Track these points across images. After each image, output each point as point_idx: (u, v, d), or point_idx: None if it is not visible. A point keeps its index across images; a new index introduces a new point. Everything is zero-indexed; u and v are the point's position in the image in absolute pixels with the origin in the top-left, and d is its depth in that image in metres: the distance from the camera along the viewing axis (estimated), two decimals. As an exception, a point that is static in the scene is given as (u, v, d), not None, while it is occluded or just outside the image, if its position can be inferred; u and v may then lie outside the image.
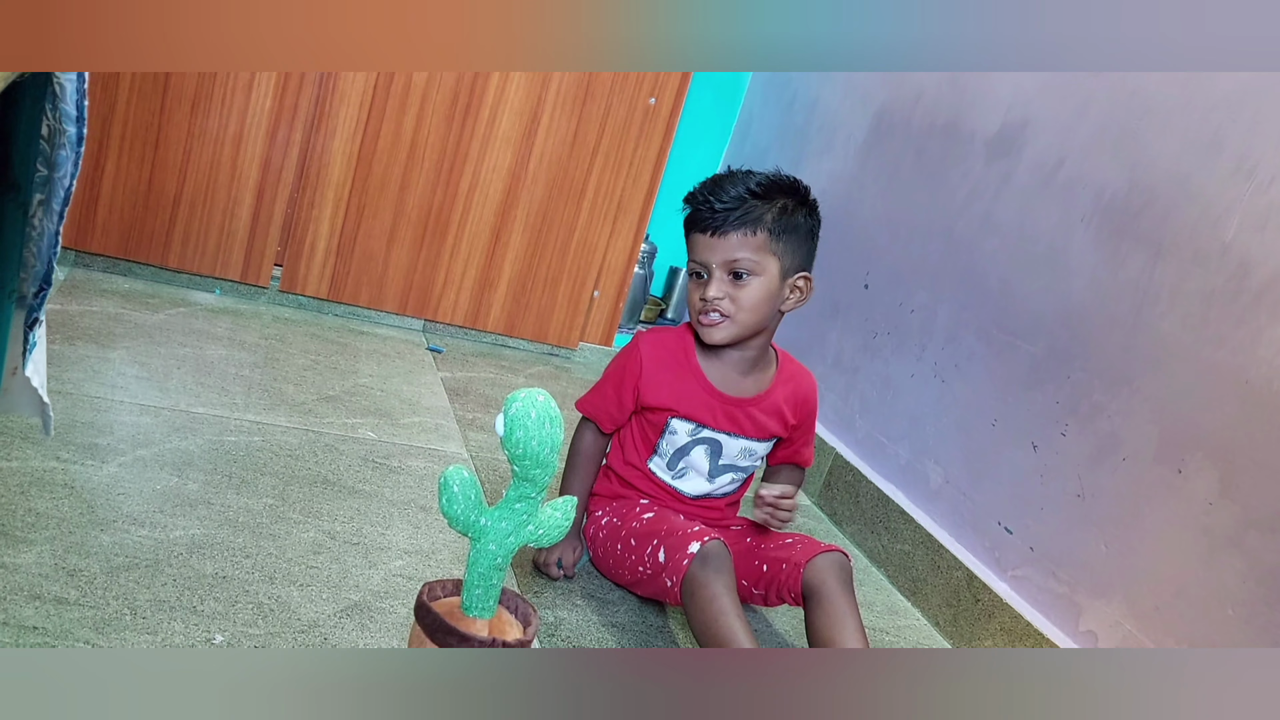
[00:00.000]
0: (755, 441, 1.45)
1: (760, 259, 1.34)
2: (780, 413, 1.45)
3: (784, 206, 1.35)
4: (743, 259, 1.34)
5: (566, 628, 1.31)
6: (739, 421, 1.43)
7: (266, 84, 2.13)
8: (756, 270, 1.34)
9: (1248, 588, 1.20)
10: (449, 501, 0.94)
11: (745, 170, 1.39)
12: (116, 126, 2.06)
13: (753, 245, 1.33)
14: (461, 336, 2.45)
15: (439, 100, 2.24)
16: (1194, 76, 1.41)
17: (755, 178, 1.36)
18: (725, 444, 1.44)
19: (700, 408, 1.41)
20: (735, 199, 1.33)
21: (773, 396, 1.45)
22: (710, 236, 1.34)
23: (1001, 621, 1.51)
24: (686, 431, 1.43)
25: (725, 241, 1.33)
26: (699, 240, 1.36)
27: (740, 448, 1.44)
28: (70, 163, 0.86)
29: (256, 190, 2.19)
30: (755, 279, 1.35)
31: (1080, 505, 1.45)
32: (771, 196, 1.35)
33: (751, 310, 1.36)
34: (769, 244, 1.34)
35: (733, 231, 1.33)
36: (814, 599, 1.29)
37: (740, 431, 1.43)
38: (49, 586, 1.06)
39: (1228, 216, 1.32)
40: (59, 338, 1.72)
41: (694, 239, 1.37)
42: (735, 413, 1.42)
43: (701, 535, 1.28)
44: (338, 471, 1.53)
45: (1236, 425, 1.25)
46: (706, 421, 1.42)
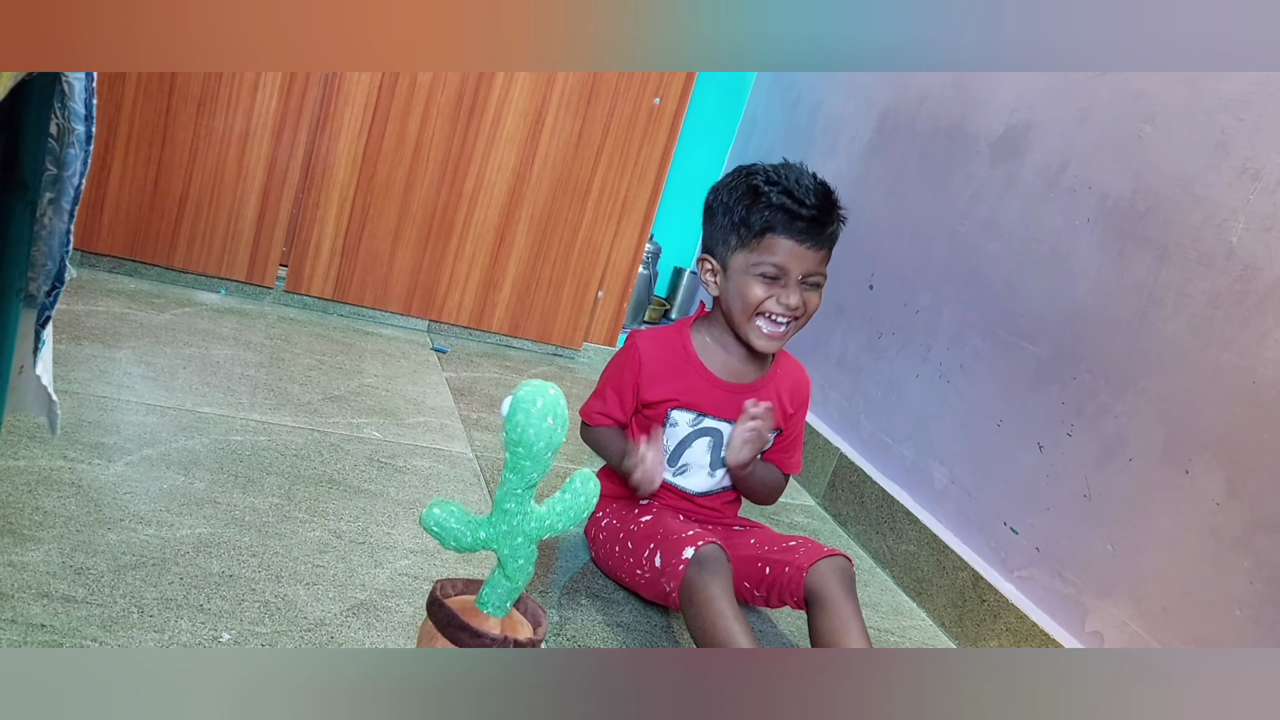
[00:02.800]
0: None
1: (826, 272, 1.38)
2: (780, 400, 1.46)
3: (841, 218, 1.38)
4: (821, 273, 1.36)
5: (572, 627, 1.31)
6: (739, 409, 1.42)
7: (272, 85, 2.13)
8: (823, 282, 1.38)
9: (1255, 589, 1.20)
10: (444, 539, 0.95)
11: (792, 166, 1.38)
12: (123, 126, 2.07)
13: (826, 259, 1.37)
14: (466, 337, 2.46)
15: (444, 101, 2.24)
16: (1198, 79, 1.41)
17: (819, 181, 1.36)
18: (725, 433, 1.43)
19: (701, 396, 1.41)
20: (825, 210, 1.33)
21: (773, 383, 1.45)
22: (804, 247, 1.33)
23: (1007, 622, 1.51)
24: (687, 422, 1.43)
25: (816, 255, 1.34)
26: (788, 246, 1.33)
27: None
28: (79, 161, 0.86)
29: (262, 191, 2.19)
30: (819, 290, 1.38)
31: (1086, 506, 1.45)
32: (836, 205, 1.37)
33: (811, 318, 1.39)
34: (828, 256, 1.37)
35: (824, 247, 1.35)
36: (817, 604, 1.29)
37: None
38: (57, 584, 1.06)
39: (1233, 219, 1.32)
40: (65, 337, 1.72)
41: (779, 243, 1.33)
42: (735, 400, 1.42)
43: (696, 539, 1.28)
44: (343, 471, 1.53)
45: (1244, 426, 1.25)
46: (707, 409, 1.42)
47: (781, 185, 1.32)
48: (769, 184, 1.33)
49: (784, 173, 1.35)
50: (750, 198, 1.33)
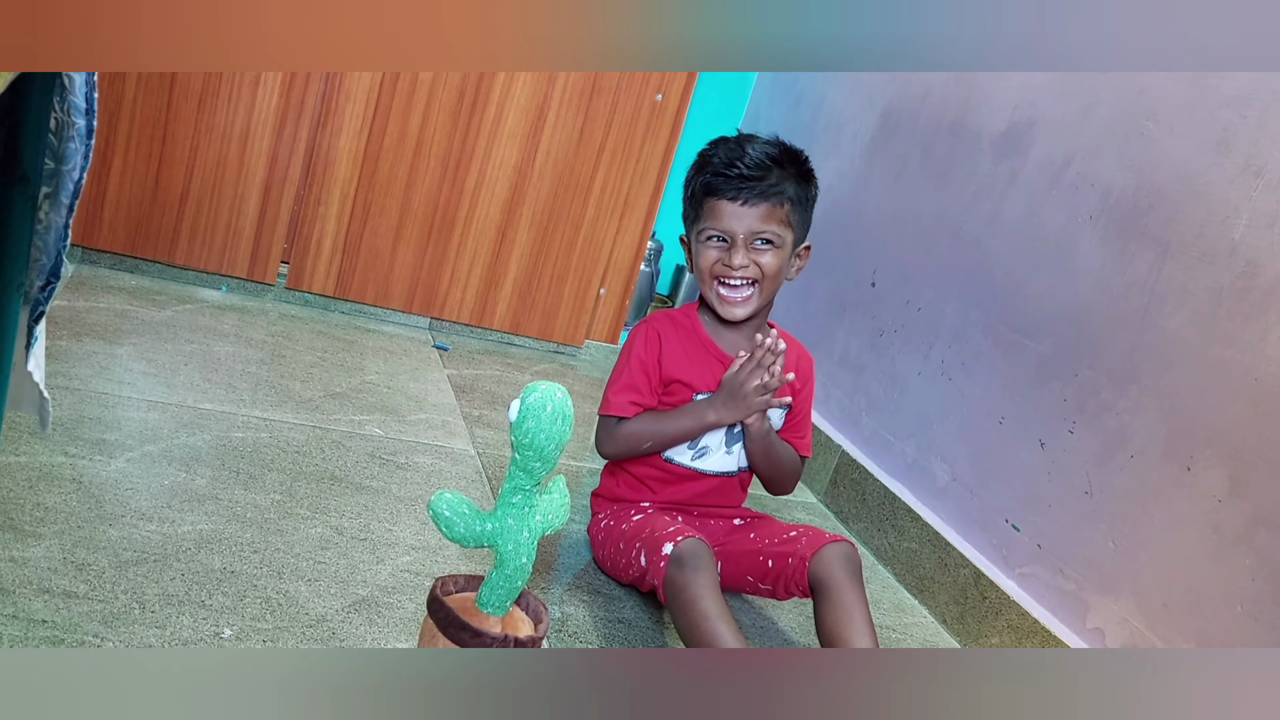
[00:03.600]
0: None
1: (782, 231, 1.36)
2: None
3: (800, 177, 1.36)
4: (769, 230, 1.35)
5: (574, 623, 1.31)
6: None
7: (273, 81, 2.13)
8: (778, 242, 1.36)
9: (1257, 585, 1.20)
10: (449, 528, 0.94)
11: (754, 136, 1.38)
12: (124, 123, 2.07)
13: (778, 217, 1.35)
14: (467, 334, 2.45)
15: (445, 98, 2.24)
16: (1201, 76, 1.41)
17: (772, 145, 1.36)
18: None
19: (717, 378, 1.41)
20: (761, 167, 1.33)
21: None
22: (740, 205, 1.34)
23: (1009, 619, 1.51)
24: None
25: (754, 211, 1.34)
26: (723, 208, 1.35)
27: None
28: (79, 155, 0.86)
29: (263, 187, 2.19)
30: (776, 250, 1.36)
31: (1088, 503, 1.45)
32: (786, 166, 1.35)
33: (774, 279, 1.38)
34: (789, 216, 1.36)
35: (763, 203, 1.33)
36: (822, 592, 1.29)
37: None
38: (58, 580, 1.06)
39: (1235, 215, 1.31)
40: (66, 334, 1.72)
41: (717, 206, 1.35)
42: None
43: (676, 535, 1.27)
44: (344, 467, 1.53)
45: (1246, 423, 1.25)
46: None
47: (720, 149, 1.35)
48: (710, 152, 1.37)
49: (728, 141, 1.37)
50: (695, 169, 1.39)
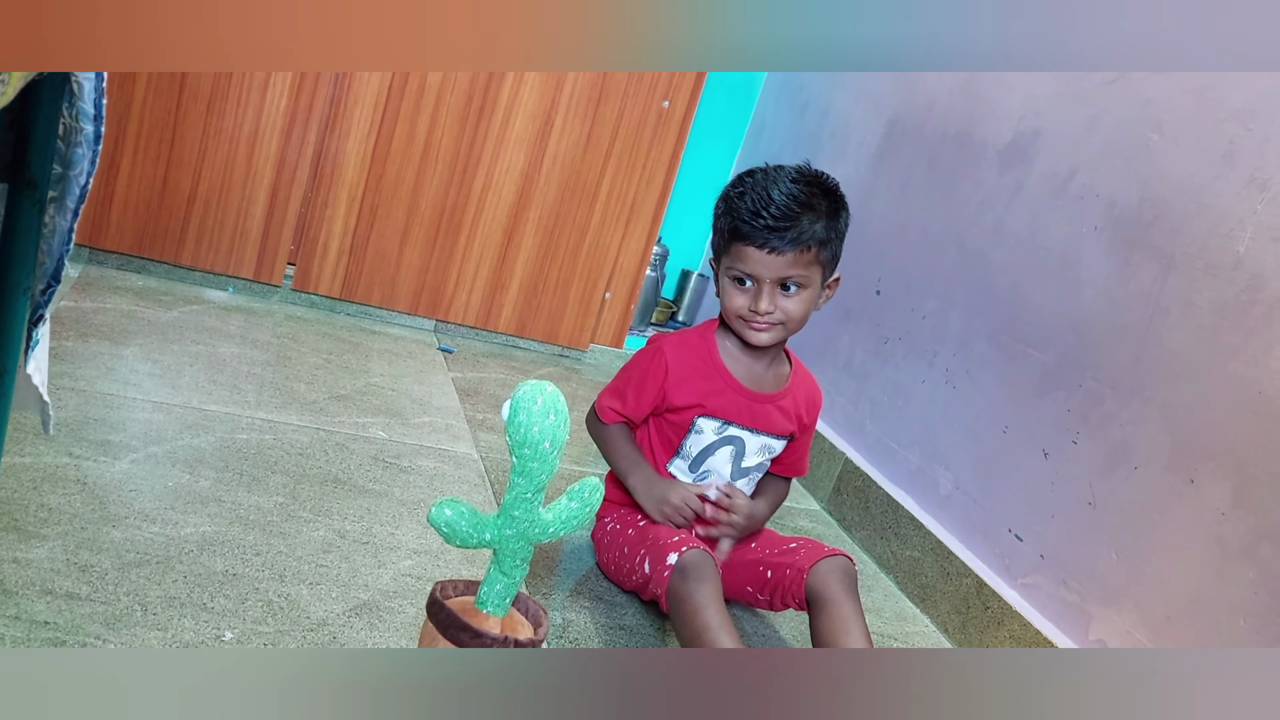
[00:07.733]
0: (773, 439, 1.45)
1: (809, 273, 1.34)
2: (797, 411, 1.46)
3: (829, 213, 1.33)
4: (795, 275, 1.33)
5: (575, 629, 1.31)
6: (761, 417, 1.43)
7: (282, 84, 2.14)
8: (805, 283, 1.35)
9: (1260, 599, 1.20)
10: (451, 535, 0.94)
11: (781, 170, 1.35)
12: (132, 124, 2.07)
13: (804, 261, 1.33)
14: (472, 337, 2.46)
15: (453, 102, 2.25)
16: (1206, 89, 1.40)
17: (799, 186, 1.32)
18: (748, 442, 1.43)
19: (728, 405, 1.41)
20: (788, 216, 1.30)
21: (791, 394, 1.46)
22: (766, 253, 1.31)
23: (1011, 629, 1.51)
24: (713, 430, 1.42)
25: (781, 260, 1.32)
26: (749, 254, 1.32)
27: (760, 444, 1.44)
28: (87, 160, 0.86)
29: (271, 189, 2.20)
30: (804, 291, 1.35)
31: (1091, 513, 1.45)
32: (815, 204, 1.32)
33: (800, 319, 1.37)
34: (817, 257, 1.34)
35: (790, 250, 1.31)
36: (818, 604, 1.29)
37: (763, 428, 1.43)
38: (60, 582, 1.07)
39: (1240, 228, 1.31)
40: (72, 334, 1.73)
41: (743, 251, 1.33)
42: (758, 409, 1.43)
43: (680, 545, 1.27)
44: (348, 470, 1.54)
45: (1250, 436, 1.25)
46: (733, 418, 1.42)
47: (749, 193, 1.33)
48: (738, 192, 1.34)
49: (757, 179, 1.35)
50: (724, 205, 1.37)
